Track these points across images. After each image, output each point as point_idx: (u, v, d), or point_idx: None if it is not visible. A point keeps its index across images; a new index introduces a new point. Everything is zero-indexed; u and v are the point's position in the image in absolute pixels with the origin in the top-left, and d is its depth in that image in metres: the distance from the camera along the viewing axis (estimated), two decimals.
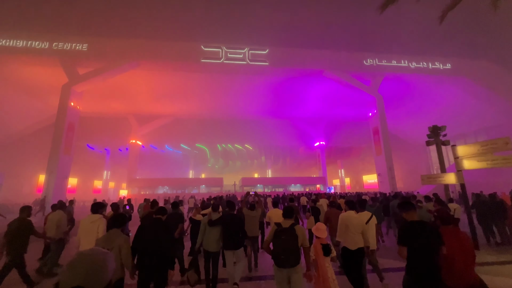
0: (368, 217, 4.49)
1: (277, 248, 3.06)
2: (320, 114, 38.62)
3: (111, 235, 3.00)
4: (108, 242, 2.90)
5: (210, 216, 4.46)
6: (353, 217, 4.06)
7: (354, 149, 47.94)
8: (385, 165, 23.26)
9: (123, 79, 26.32)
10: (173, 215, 5.25)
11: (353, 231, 3.91)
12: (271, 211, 5.84)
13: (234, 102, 34.07)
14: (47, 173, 19.06)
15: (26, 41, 21.29)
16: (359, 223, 3.97)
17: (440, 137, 10.10)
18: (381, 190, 23.20)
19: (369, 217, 4.49)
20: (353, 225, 3.93)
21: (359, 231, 3.90)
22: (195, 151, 48.20)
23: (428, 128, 10.01)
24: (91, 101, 31.29)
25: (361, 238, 3.88)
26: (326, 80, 27.29)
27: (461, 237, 2.76)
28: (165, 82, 28.01)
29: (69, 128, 21.05)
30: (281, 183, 40.91)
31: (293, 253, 3.00)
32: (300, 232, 3.12)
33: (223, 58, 23.73)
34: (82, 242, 3.82)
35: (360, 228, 3.91)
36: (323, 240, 3.34)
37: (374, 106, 25.56)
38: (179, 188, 39.64)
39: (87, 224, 3.89)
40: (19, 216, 4.58)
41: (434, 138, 10.06)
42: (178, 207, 5.60)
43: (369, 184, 47.04)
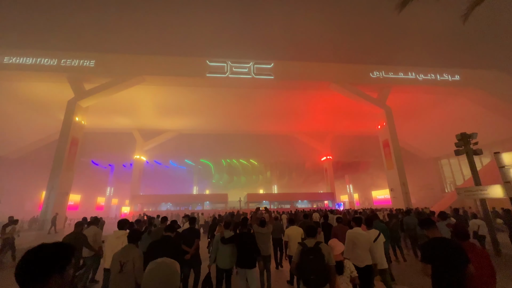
0: (376, 235, 4.40)
1: (305, 269, 3.00)
2: (326, 128, 37.96)
3: (126, 250, 3.27)
4: (124, 255, 3.17)
5: (223, 233, 4.51)
6: (361, 234, 4.02)
7: (362, 164, 46.66)
8: (398, 179, 22.10)
9: (128, 94, 26.48)
10: (190, 231, 5.29)
11: (360, 248, 3.86)
12: (289, 229, 5.49)
13: (239, 117, 33.84)
14: (48, 189, 18.53)
15: (35, 58, 21.67)
16: (366, 240, 3.94)
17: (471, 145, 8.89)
18: (395, 206, 21.90)
19: (377, 235, 4.40)
20: (360, 242, 3.88)
21: (367, 248, 3.87)
22: (199, 167, 47.55)
23: (456, 136, 8.96)
24: (96, 116, 31.47)
25: (369, 255, 3.83)
26: (332, 93, 26.92)
27: (478, 253, 2.70)
28: (170, 97, 28.03)
29: (72, 143, 20.78)
30: (287, 199, 39.52)
31: (322, 273, 2.96)
32: (326, 251, 3.09)
33: (228, 72, 23.69)
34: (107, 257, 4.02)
35: (367, 245, 3.89)
36: (337, 257, 3.19)
37: (383, 118, 24.86)
38: (183, 204, 38.59)
39: (113, 240, 4.12)
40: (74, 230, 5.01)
41: (463, 146, 8.78)
42: (195, 223, 5.68)
43: (379, 200, 45.30)
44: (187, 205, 38.44)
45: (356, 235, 3.96)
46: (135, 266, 3.11)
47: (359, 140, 41.35)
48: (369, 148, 42.69)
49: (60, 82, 22.25)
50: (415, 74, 25.78)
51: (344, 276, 3.10)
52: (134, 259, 3.13)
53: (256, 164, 48.48)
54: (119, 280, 3.04)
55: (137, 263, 3.13)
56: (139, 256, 3.21)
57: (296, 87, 25.44)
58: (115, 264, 3.14)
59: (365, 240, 3.92)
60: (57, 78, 21.99)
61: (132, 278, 3.06)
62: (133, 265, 3.10)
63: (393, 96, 25.60)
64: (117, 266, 3.11)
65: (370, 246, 3.89)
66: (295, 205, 37.79)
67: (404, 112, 29.77)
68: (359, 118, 33.24)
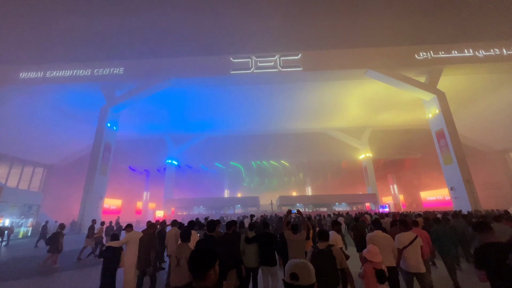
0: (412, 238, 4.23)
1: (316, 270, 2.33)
2: (364, 122, 34.47)
3: (180, 247, 3.80)
4: (178, 252, 3.70)
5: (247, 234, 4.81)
6: (380, 236, 4.09)
7: (408, 161, 41.59)
8: (460, 176, 18.39)
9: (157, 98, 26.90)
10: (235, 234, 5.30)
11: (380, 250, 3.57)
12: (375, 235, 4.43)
13: (267, 116, 32.43)
14: (84, 192, 19.12)
15: (72, 70, 22.99)
16: (386, 243, 3.98)
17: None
18: (457, 207, 18.22)
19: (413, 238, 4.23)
20: (380, 245, 3.76)
21: (388, 250, 3.92)
22: (230, 170, 47.09)
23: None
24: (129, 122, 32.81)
25: (390, 257, 3.89)
26: (369, 82, 24.01)
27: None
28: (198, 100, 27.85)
29: (105, 149, 21.37)
30: (323, 202, 36.65)
31: (332, 274, 2.97)
32: (337, 254, 3.14)
33: (253, 68, 22.49)
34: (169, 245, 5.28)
35: (388, 248, 3.94)
36: (377, 264, 2.98)
37: (433, 106, 21.25)
38: (214, 208, 38.27)
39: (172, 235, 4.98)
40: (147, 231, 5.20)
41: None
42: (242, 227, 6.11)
43: (430, 202, 39.66)
44: (218, 208, 37.99)
45: (376, 238, 4.02)
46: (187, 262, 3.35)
47: (402, 134, 36.83)
48: (415, 143, 37.85)
49: (94, 90, 23.25)
50: (473, 51, 21.66)
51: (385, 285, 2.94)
52: (186, 255, 3.53)
53: (287, 165, 46.41)
54: (177, 273, 3.52)
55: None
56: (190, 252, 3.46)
57: (327, 78, 23.17)
58: (173, 260, 3.63)
59: (385, 242, 3.97)
60: (91, 86, 22.98)
61: (187, 270, 3.25)
62: (185, 261, 3.47)
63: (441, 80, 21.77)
64: (174, 261, 3.58)
65: (392, 247, 3.97)
66: (332, 208, 34.82)
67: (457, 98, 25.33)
68: (401, 108, 29.39)
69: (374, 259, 3.04)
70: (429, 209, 31.05)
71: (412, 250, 4.12)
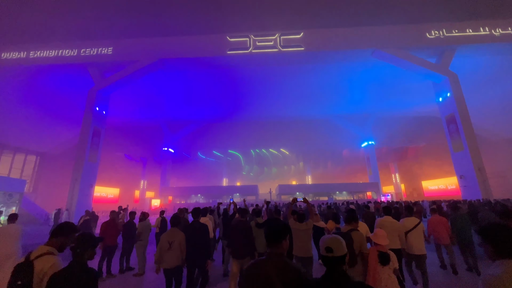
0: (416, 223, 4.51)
1: None
2: (367, 109, 33.04)
3: (172, 232, 3.92)
4: (171, 236, 3.82)
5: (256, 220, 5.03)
6: (388, 221, 4.29)
7: (411, 150, 40.47)
8: (471, 164, 17.26)
9: (152, 84, 25.47)
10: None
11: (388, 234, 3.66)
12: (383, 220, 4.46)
13: (266, 102, 31.00)
14: (72, 180, 18.06)
15: (57, 50, 21.42)
16: (394, 227, 4.21)
17: None
18: (467, 197, 17.23)
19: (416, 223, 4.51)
20: (388, 229, 3.92)
21: (395, 235, 4.14)
22: (229, 158, 46.08)
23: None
24: (123, 110, 31.42)
25: (396, 240, 4.11)
26: (376, 64, 22.47)
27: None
28: (194, 85, 26.44)
29: (95, 134, 20.14)
30: (324, 191, 35.83)
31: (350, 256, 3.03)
32: (356, 237, 3.25)
33: (251, 48, 20.91)
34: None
35: (395, 233, 4.16)
36: (383, 247, 3.12)
37: (444, 89, 19.85)
38: (212, 197, 37.54)
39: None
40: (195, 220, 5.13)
41: None
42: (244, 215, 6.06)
43: (432, 192, 38.86)
44: (216, 197, 37.27)
45: (384, 223, 4.25)
46: (181, 245, 3.80)
47: (407, 121, 35.50)
48: (419, 131, 36.61)
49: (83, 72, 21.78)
50: (489, 29, 20.00)
51: (387, 267, 3.05)
52: (179, 239, 3.80)
53: (287, 153, 45.36)
54: (169, 255, 3.71)
55: (182, 242, 3.81)
56: (182, 237, 3.86)
57: (331, 59, 21.60)
58: (165, 243, 3.75)
59: (392, 226, 4.19)
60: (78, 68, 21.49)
61: (179, 253, 3.78)
62: (178, 245, 3.77)
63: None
64: (166, 245, 3.73)
65: (399, 233, 4.22)
66: (332, 197, 34.03)
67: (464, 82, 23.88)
68: (407, 94, 27.89)
69: (379, 242, 3.15)
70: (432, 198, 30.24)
71: (416, 234, 4.47)
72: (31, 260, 2.08)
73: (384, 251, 3.11)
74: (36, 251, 2.17)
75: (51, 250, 2.20)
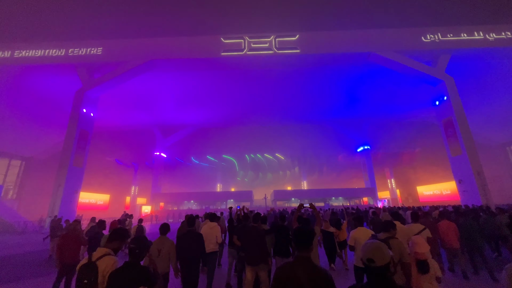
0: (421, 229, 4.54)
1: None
2: (363, 114, 32.86)
3: (161, 240, 3.91)
4: (160, 244, 3.83)
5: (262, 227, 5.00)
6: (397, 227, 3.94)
7: (406, 155, 40.38)
8: (469, 168, 16.94)
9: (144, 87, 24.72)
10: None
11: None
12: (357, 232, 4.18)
13: (261, 106, 30.50)
14: (55, 186, 16.96)
15: (43, 50, 20.55)
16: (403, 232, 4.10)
17: None
18: (466, 202, 16.83)
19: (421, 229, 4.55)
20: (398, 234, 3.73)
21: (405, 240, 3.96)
22: (223, 163, 45.18)
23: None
24: (114, 113, 30.45)
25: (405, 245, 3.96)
26: (371, 69, 22.32)
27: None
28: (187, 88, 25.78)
29: (81, 136, 19.17)
30: (319, 196, 35.21)
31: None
32: (395, 245, 3.10)
33: (246, 49, 20.46)
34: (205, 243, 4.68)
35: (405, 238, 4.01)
36: (421, 255, 2.91)
37: (441, 92, 19.69)
38: (206, 203, 36.50)
39: (207, 229, 5.11)
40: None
41: None
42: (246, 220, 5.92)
43: (426, 197, 38.69)
44: (210, 203, 36.25)
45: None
46: (170, 252, 3.76)
47: (402, 126, 35.46)
48: (415, 136, 36.59)
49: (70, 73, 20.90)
50: (483, 34, 20.09)
51: (428, 275, 2.85)
52: (168, 247, 3.80)
53: (282, 158, 44.75)
54: (158, 262, 3.66)
55: (171, 250, 3.81)
56: (172, 244, 3.87)
57: (327, 62, 21.30)
58: (154, 250, 3.77)
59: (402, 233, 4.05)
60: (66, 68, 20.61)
61: (167, 261, 3.79)
62: (167, 252, 3.77)
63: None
64: (156, 252, 3.75)
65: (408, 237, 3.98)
66: (328, 203, 33.40)
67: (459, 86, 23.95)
68: (403, 99, 27.80)
69: (419, 249, 2.98)
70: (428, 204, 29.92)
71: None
72: (94, 261, 2.35)
73: (422, 259, 2.93)
74: (97, 253, 2.47)
75: (109, 252, 2.50)
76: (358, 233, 4.18)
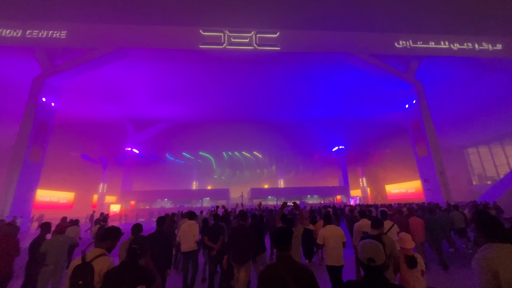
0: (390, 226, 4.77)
1: None
2: (339, 114, 33.88)
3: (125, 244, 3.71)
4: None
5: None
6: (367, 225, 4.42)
7: (376, 155, 42.53)
8: (433, 168, 18.14)
9: (115, 77, 23.04)
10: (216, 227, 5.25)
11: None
12: (326, 229, 4.21)
13: (240, 103, 30.07)
14: (6, 182, 15.10)
15: None
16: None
17: None
18: (430, 200, 18.02)
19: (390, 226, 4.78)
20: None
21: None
22: (199, 160, 44.02)
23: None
24: (82, 104, 28.13)
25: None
26: (348, 71, 22.99)
27: None
28: (163, 81, 24.54)
29: (40, 128, 17.29)
30: (295, 194, 35.76)
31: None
32: (387, 241, 3.25)
33: (225, 43, 19.90)
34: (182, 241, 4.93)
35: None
36: (408, 251, 3.18)
37: (411, 96, 20.84)
38: (180, 201, 35.26)
39: (186, 228, 5.00)
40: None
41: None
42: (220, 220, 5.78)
43: (393, 195, 41.18)
44: (185, 202, 35.08)
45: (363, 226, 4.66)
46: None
47: (375, 128, 37.21)
48: (385, 136, 38.60)
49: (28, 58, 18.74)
50: (448, 43, 21.59)
51: (415, 269, 3.04)
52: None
53: (260, 156, 44.76)
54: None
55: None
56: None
57: (306, 61, 21.50)
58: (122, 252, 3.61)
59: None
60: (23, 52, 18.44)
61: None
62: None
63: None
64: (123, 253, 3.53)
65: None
66: (304, 201, 34.04)
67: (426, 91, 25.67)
68: (377, 101, 29.12)
69: (406, 246, 3.20)
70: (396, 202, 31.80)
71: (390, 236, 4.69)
72: (89, 262, 2.27)
73: (410, 255, 3.13)
74: (91, 253, 2.38)
75: (104, 252, 2.44)
76: (327, 232, 4.18)
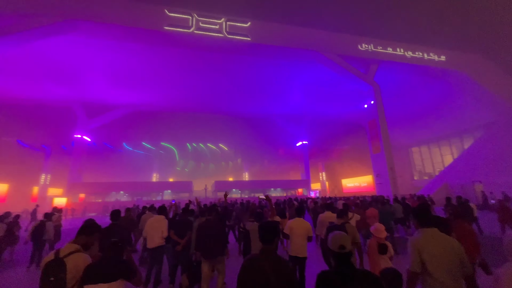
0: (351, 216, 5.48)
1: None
2: (304, 110, 35.01)
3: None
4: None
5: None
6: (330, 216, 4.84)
7: (336, 151, 45.35)
8: (385, 164, 19.90)
9: (63, 52, 20.11)
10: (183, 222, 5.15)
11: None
12: (294, 222, 4.31)
13: (206, 93, 29.00)
14: None
15: None
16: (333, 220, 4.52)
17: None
18: (380, 193, 19.79)
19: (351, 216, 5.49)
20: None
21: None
22: (161, 151, 41.65)
23: None
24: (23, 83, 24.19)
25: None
26: (315, 69, 23.71)
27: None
28: (122, 63, 22.26)
29: None
30: (259, 187, 36.28)
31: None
32: (350, 229, 3.67)
33: (193, 28, 18.74)
34: (149, 236, 4.77)
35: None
36: (382, 240, 3.48)
37: (369, 97, 22.40)
38: (139, 194, 33.01)
39: (153, 223, 4.85)
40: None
41: None
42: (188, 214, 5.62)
43: (349, 188, 44.63)
44: (144, 194, 32.97)
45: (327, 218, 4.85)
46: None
47: (336, 125, 39.45)
48: (345, 134, 41.24)
49: None
50: (403, 51, 23.62)
51: (385, 256, 3.38)
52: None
53: (226, 149, 44.18)
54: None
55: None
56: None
57: (276, 54, 21.52)
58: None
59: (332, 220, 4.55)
60: None
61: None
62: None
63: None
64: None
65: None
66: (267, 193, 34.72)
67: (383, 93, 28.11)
68: (339, 100, 30.77)
69: (380, 235, 3.47)
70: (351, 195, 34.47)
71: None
72: (61, 258, 2.20)
73: (383, 243, 3.43)
74: (65, 249, 2.30)
75: (79, 248, 2.36)
76: (295, 223, 4.29)
